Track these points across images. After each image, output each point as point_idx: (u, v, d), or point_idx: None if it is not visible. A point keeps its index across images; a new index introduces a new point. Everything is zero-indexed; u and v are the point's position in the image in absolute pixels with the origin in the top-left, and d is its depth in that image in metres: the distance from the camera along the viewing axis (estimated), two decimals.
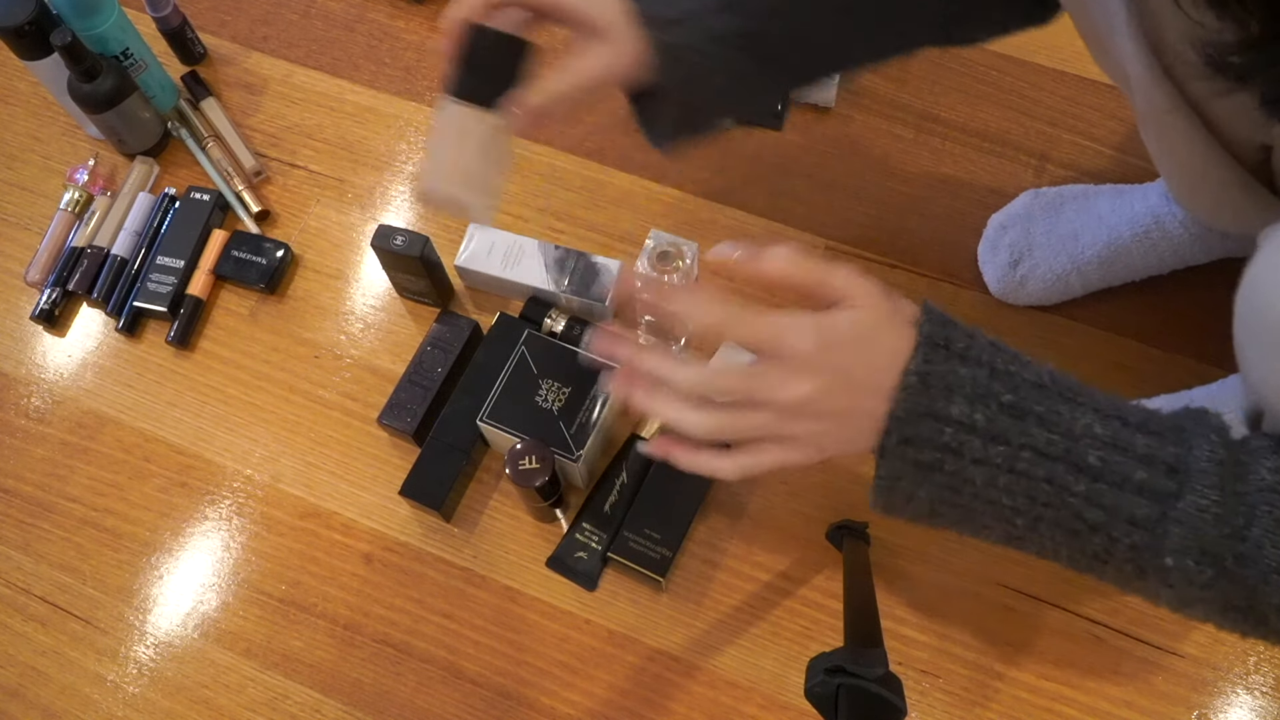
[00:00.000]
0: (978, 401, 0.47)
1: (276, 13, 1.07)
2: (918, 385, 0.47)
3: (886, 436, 0.48)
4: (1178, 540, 0.46)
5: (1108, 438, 0.47)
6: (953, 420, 0.47)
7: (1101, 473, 0.47)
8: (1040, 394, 0.48)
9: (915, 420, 0.48)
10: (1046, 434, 0.47)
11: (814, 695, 0.55)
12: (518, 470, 0.74)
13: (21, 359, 0.92)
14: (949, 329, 0.49)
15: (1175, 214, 0.79)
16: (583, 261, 0.87)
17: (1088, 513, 0.47)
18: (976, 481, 0.48)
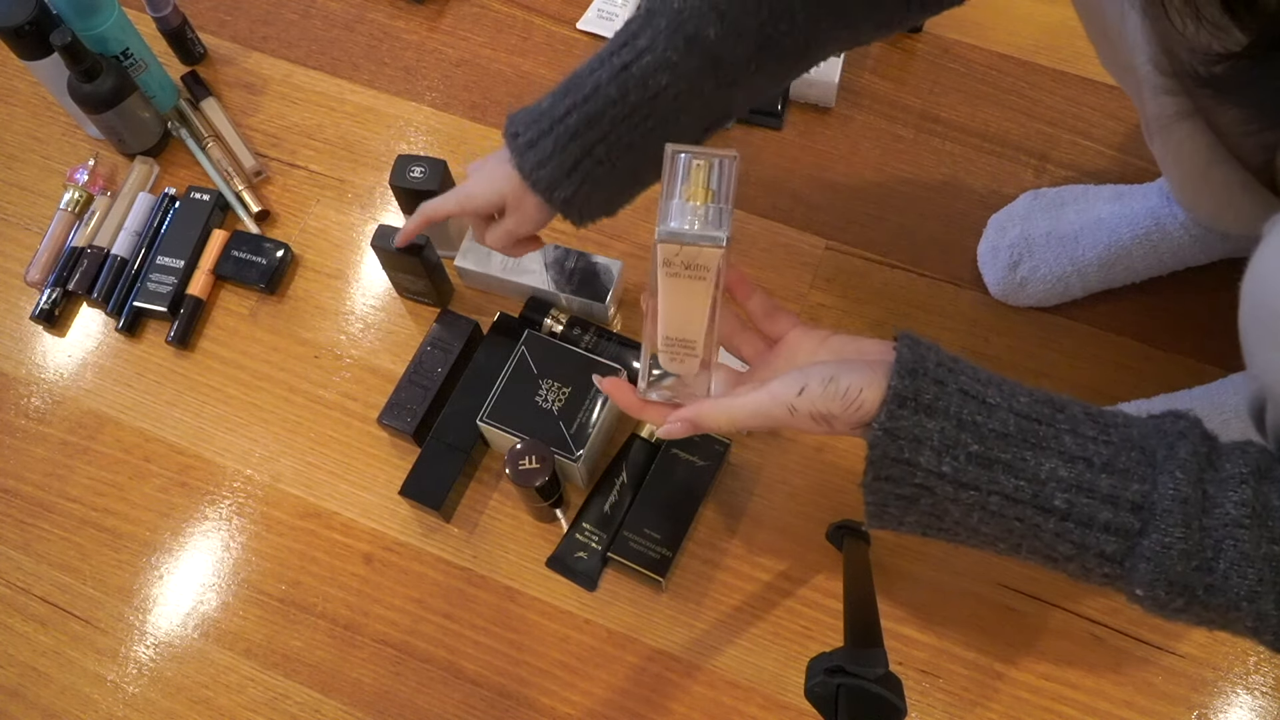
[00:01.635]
0: (944, 453, 0.49)
1: (276, 13, 1.07)
2: (885, 439, 0.49)
3: (865, 474, 0.51)
4: (1145, 574, 0.47)
5: (1072, 480, 0.48)
6: (921, 468, 0.49)
7: (1068, 514, 0.48)
8: (1005, 442, 0.49)
9: (888, 464, 0.50)
10: (1014, 480, 0.49)
11: (814, 695, 0.55)
12: (518, 470, 0.74)
13: (21, 359, 0.92)
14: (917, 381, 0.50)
15: (1175, 215, 0.79)
16: (583, 261, 0.87)
17: (1059, 547, 0.49)
18: (954, 515, 0.50)
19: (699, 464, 0.79)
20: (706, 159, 0.53)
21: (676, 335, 0.56)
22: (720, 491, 0.82)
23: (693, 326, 0.55)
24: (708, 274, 0.53)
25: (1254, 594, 0.46)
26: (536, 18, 1.05)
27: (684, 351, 0.56)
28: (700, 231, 0.52)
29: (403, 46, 1.04)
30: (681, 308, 0.55)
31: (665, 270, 0.53)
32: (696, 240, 0.52)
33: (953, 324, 0.88)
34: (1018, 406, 0.50)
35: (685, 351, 0.56)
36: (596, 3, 1.05)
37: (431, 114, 1.01)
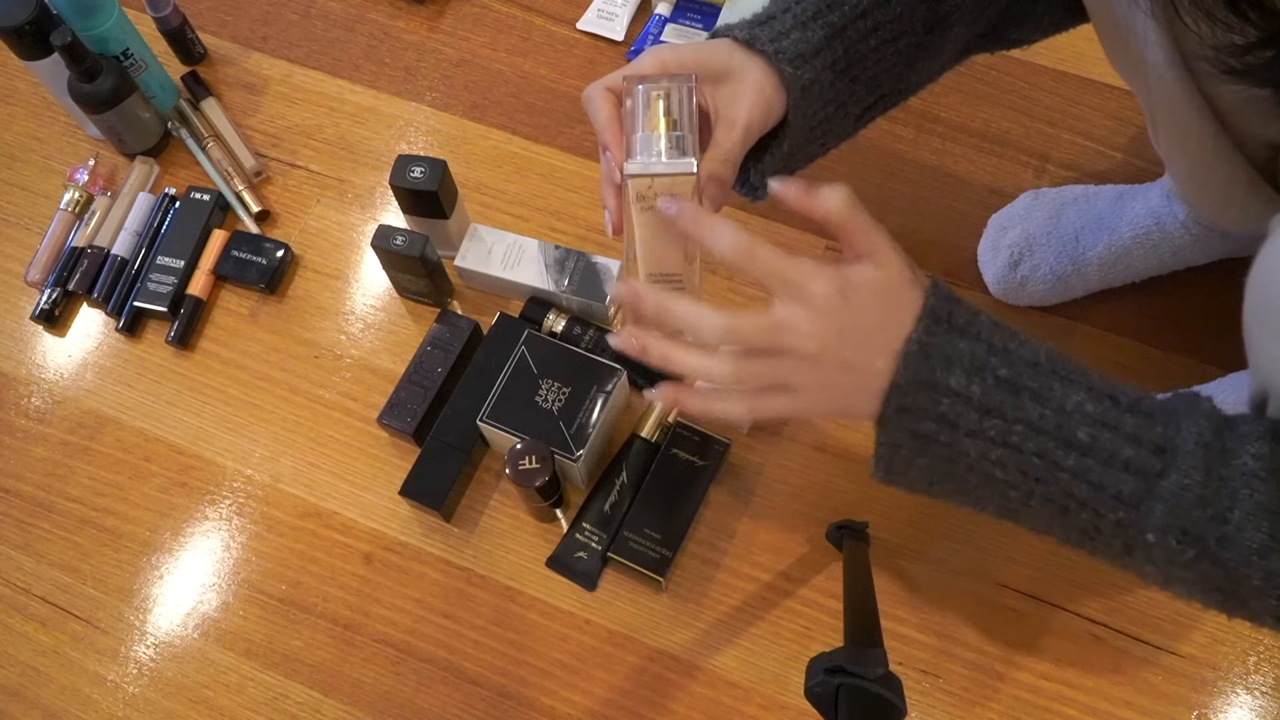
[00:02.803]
0: (974, 374, 0.48)
1: (276, 13, 1.07)
2: (918, 354, 0.48)
3: (885, 404, 0.50)
4: (1160, 518, 0.47)
5: (1097, 415, 0.48)
6: (950, 391, 0.48)
7: (1090, 448, 0.48)
8: (1035, 371, 0.49)
9: (913, 389, 0.49)
10: (1039, 409, 0.48)
11: (814, 695, 0.55)
12: (518, 470, 0.74)
13: (21, 359, 0.92)
14: (953, 305, 0.50)
15: (1176, 215, 0.79)
16: (583, 261, 0.87)
17: (1075, 488, 0.48)
18: (970, 453, 0.50)
19: (699, 464, 0.79)
20: (663, 88, 0.53)
21: (660, 270, 0.55)
22: (720, 491, 0.82)
23: (674, 258, 0.55)
24: None
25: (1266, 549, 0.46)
26: (536, 18, 1.05)
27: (670, 285, 0.55)
28: (669, 161, 0.52)
29: (403, 46, 1.04)
30: (660, 240, 0.54)
31: (640, 205, 0.53)
32: (666, 170, 0.52)
33: None
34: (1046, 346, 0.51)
35: (671, 285, 0.55)
36: (596, 3, 1.05)
37: (431, 114, 1.01)
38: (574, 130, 0.98)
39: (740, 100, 0.56)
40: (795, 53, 0.57)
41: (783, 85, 0.57)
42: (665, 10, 1.03)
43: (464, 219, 0.90)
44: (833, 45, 0.59)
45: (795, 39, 0.57)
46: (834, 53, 0.59)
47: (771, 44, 0.57)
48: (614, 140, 0.56)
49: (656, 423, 0.81)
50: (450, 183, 0.85)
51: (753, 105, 0.56)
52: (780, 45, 0.57)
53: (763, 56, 0.57)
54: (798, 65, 0.57)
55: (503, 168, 0.97)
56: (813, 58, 0.58)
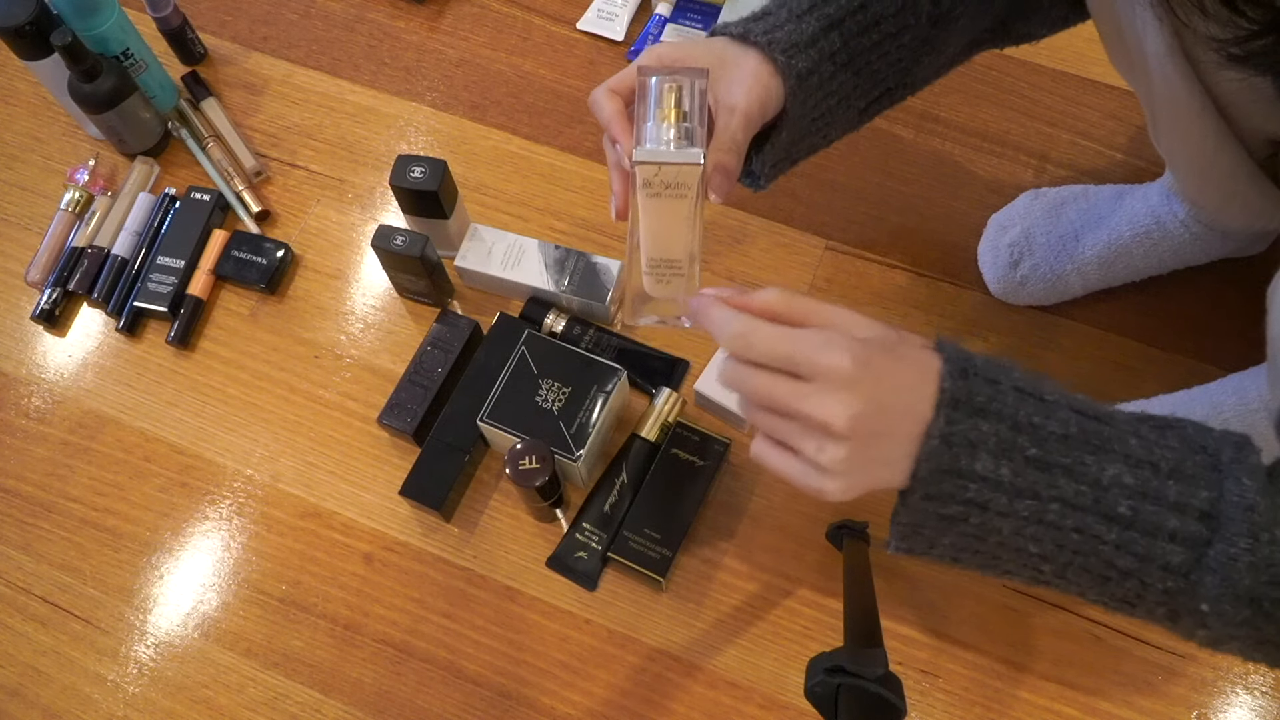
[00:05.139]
0: (1002, 457, 0.46)
1: (276, 13, 1.07)
2: (940, 447, 0.46)
3: (909, 493, 0.48)
4: (1213, 588, 0.45)
5: (1137, 487, 0.46)
6: (977, 476, 0.46)
7: (1133, 522, 0.46)
8: (1065, 445, 0.46)
9: (938, 478, 0.47)
10: (1074, 485, 0.46)
11: (814, 695, 0.55)
12: (518, 470, 0.74)
13: (22, 359, 0.92)
14: (971, 382, 0.47)
15: (1176, 214, 0.79)
16: (583, 261, 0.87)
17: (1119, 560, 0.46)
18: (1003, 531, 0.47)
19: (699, 464, 0.79)
20: (677, 80, 0.54)
21: (662, 256, 0.56)
22: (720, 491, 0.82)
23: (677, 245, 0.56)
24: (689, 191, 0.54)
25: None
26: (536, 18, 1.05)
27: (670, 272, 0.57)
28: (677, 150, 0.53)
29: (403, 46, 1.04)
30: (664, 228, 0.55)
31: (646, 191, 0.54)
32: (674, 159, 0.53)
33: (953, 324, 0.88)
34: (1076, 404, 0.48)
35: (671, 272, 0.57)
36: (596, 3, 1.05)
37: (431, 114, 1.01)
38: (574, 130, 0.98)
39: (736, 88, 0.57)
40: (789, 43, 0.58)
41: (778, 74, 0.58)
42: (665, 10, 1.03)
43: (464, 219, 0.90)
44: (830, 36, 0.59)
45: (789, 30, 0.58)
46: (832, 44, 0.59)
47: (765, 35, 0.58)
48: (622, 131, 0.57)
49: (656, 423, 0.81)
50: (450, 183, 0.85)
51: (749, 92, 0.57)
52: (774, 36, 0.58)
53: (756, 48, 0.58)
54: (791, 54, 0.58)
55: (503, 168, 0.97)
56: (808, 47, 0.58)
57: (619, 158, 0.58)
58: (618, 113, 0.58)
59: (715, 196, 0.56)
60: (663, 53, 0.58)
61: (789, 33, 0.58)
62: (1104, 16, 0.65)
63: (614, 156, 0.59)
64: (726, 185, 0.57)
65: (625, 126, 0.57)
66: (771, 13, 0.60)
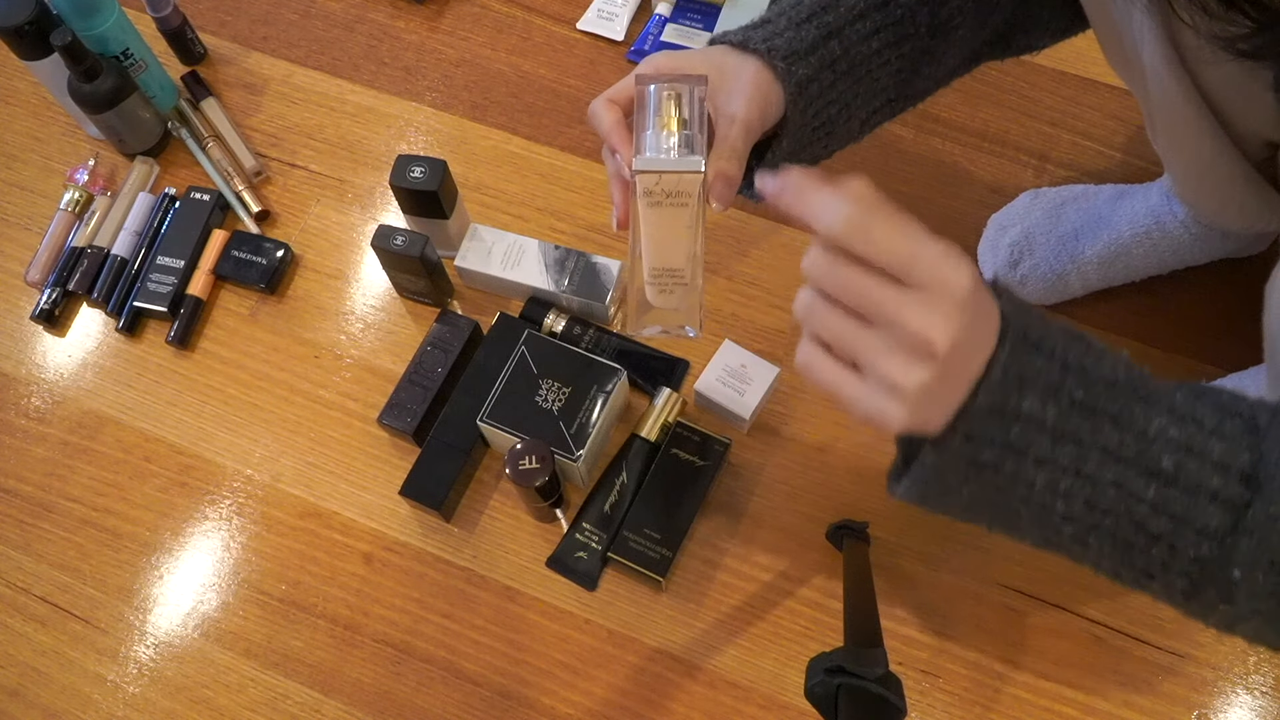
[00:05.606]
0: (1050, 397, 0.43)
1: (276, 13, 1.07)
2: (1000, 378, 0.43)
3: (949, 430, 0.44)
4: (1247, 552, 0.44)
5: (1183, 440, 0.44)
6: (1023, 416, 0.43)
7: (1175, 478, 0.44)
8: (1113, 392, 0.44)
9: (985, 415, 0.43)
10: (1120, 434, 0.44)
11: (814, 695, 0.55)
12: (518, 470, 0.74)
13: (21, 359, 0.92)
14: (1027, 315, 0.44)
15: (1175, 214, 0.79)
16: (583, 261, 0.87)
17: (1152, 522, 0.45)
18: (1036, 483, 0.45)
19: (699, 464, 0.79)
20: (675, 88, 0.54)
21: (663, 265, 0.56)
22: (720, 491, 0.82)
23: (678, 254, 0.55)
24: (690, 199, 0.54)
25: None
26: (536, 18, 1.05)
27: (673, 281, 0.56)
28: (678, 158, 0.53)
29: (403, 46, 1.04)
30: (666, 236, 0.55)
31: (647, 200, 0.54)
32: (675, 167, 0.53)
33: None
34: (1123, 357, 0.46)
35: (674, 281, 0.56)
36: (596, 3, 1.05)
37: (431, 114, 1.01)
38: (574, 130, 0.98)
39: (736, 96, 0.57)
40: (788, 50, 0.58)
41: (778, 81, 0.58)
42: (665, 10, 1.03)
43: (464, 219, 0.90)
44: (830, 44, 0.59)
45: (788, 37, 0.58)
46: (831, 52, 0.59)
47: (764, 43, 0.58)
48: (622, 141, 0.56)
49: (656, 423, 0.81)
50: (450, 183, 0.85)
51: (749, 100, 0.57)
52: (773, 44, 0.58)
53: (756, 55, 0.58)
54: (791, 62, 0.58)
55: (503, 168, 0.97)
56: (807, 55, 0.58)
57: (619, 168, 0.57)
58: (616, 122, 0.57)
59: (717, 205, 0.56)
60: (661, 62, 0.58)
61: (789, 40, 0.58)
62: (1101, 22, 0.65)
63: (614, 166, 0.58)
64: (728, 193, 0.56)
65: (624, 136, 0.57)
66: (771, 20, 0.60)
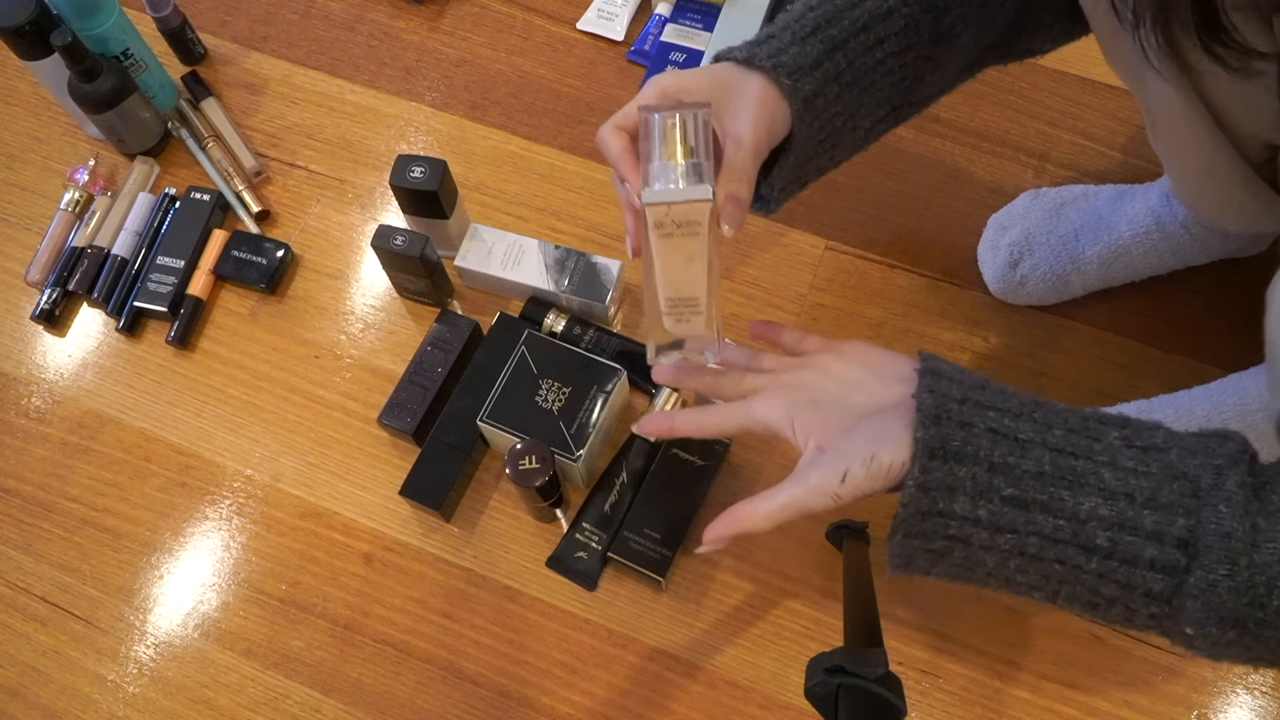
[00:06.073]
0: (979, 498, 0.48)
1: (276, 13, 1.07)
2: (917, 495, 0.48)
3: (893, 533, 0.50)
4: (1195, 612, 0.46)
5: (1113, 518, 0.47)
6: (956, 516, 0.48)
7: (1111, 552, 0.47)
8: (1040, 482, 0.48)
9: (918, 520, 0.49)
10: (1052, 520, 0.48)
11: (814, 695, 0.55)
12: (518, 470, 0.74)
13: (21, 359, 0.92)
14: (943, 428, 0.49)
15: (1175, 215, 0.79)
16: (583, 261, 0.87)
17: (1103, 588, 0.48)
18: (988, 563, 0.49)
19: (699, 464, 0.79)
20: (679, 115, 0.53)
21: (678, 295, 0.56)
22: (720, 491, 0.82)
23: (693, 283, 0.56)
24: (700, 228, 0.54)
25: None
26: (536, 18, 1.05)
27: (689, 311, 0.57)
28: (686, 189, 0.53)
29: (403, 46, 1.04)
30: (679, 266, 0.55)
31: (658, 233, 0.54)
32: (684, 198, 0.53)
33: (953, 324, 0.88)
34: (1052, 441, 0.49)
35: (690, 310, 0.57)
36: (596, 3, 1.05)
37: (431, 114, 1.01)
38: (574, 130, 0.98)
39: (743, 116, 0.57)
40: (794, 66, 0.58)
41: (784, 97, 0.58)
42: (665, 10, 1.03)
43: (464, 219, 0.90)
44: (834, 58, 0.59)
45: (794, 53, 0.58)
46: (836, 65, 0.59)
47: (769, 59, 0.58)
48: (630, 170, 0.57)
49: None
50: (450, 183, 0.85)
51: (757, 120, 0.57)
52: (779, 60, 0.58)
53: (761, 72, 0.58)
54: (797, 78, 0.58)
55: (503, 168, 0.97)
56: (813, 70, 0.58)
57: (629, 196, 0.57)
58: (624, 150, 0.57)
59: (728, 228, 0.56)
60: (666, 83, 0.58)
61: (794, 56, 0.58)
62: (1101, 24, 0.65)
63: (624, 195, 0.58)
64: (739, 215, 0.57)
65: (632, 164, 0.57)
66: (775, 36, 0.59)
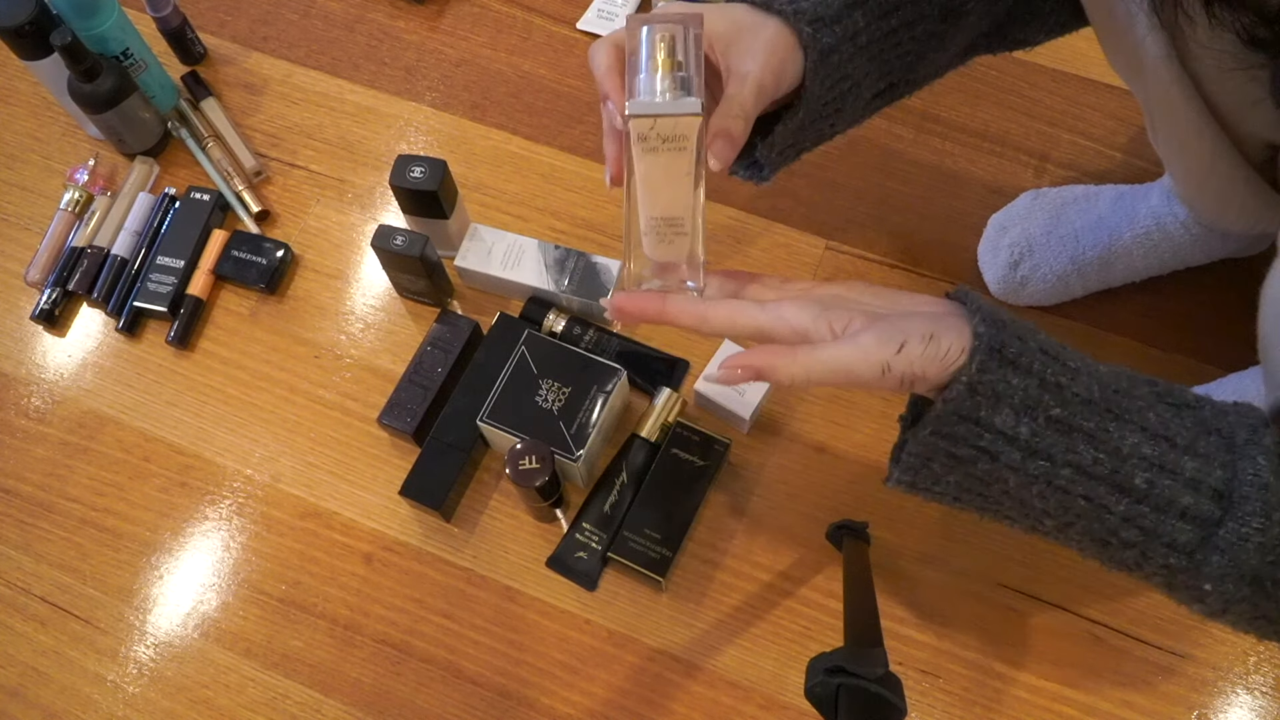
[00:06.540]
0: (1024, 414, 0.45)
1: (276, 13, 1.07)
2: (964, 393, 0.45)
3: (920, 427, 0.46)
4: (1217, 568, 0.45)
5: (1155, 459, 0.45)
6: (995, 429, 0.45)
7: (1146, 495, 0.45)
8: (1089, 410, 0.45)
9: (954, 421, 0.45)
10: (1093, 452, 0.45)
11: (814, 695, 0.55)
12: (518, 470, 0.74)
13: (21, 359, 0.92)
14: (1002, 331, 0.46)
15: (1176, 215, 0.79)
16: (583, 261, 0.87)
17: (1124, 531, 0.46)
18: (1009, 484, 0.47)
19: (699, 464, 0.79)
20: (669, 29, 0.51)
21: (662, 214, 0.53)
22: (720, 491, 0.82)
23: (679, 202, 0.53)
24: (687, 143, 0.51)
25: None
26: (536, 18, 1.05)
27: (672, 231, 0.53)
28: (673, 101, 0.50)
29: (403, 46, 1.04)
30: (663, 184, 0.52)
31: (642, 146, 0.51)
32: (670, 110, 0.50)
33: None
34: (1099, 372, 0.47)
35: (673, 231, 0.53)
36: (596, 3, 1.05)
37: (431, 114, 1.01)
38: (574, 130, 0.98)
39: (752, 56, 0.54)
40: (815, 15, 0.55)
41: (800, 46, 0.55)
42: None
43: (464, 219, 0.90)
44: (853, 15, 0.57)
45: (814, 2, 0.56)
46: (855, 24, 0.57)
47: (790, 4, 0.55)
48: (614, 88, 0.53)
49: (656, 423, 0.81)
50: (450, 183, 0.85)
51: (765, 62, 0.54)
52: (799, 6, 0.55)
53: (780, 17, 0.55)
54: (817, 28, 0.55)
55: (503, 168, 0.97)
56: (833, 23, 0.56)
57: (612, 119, 0.54)
58: (611, 68, 0.54)
59: (715, 163, 0.53)
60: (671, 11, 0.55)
61: (814, 5, 0.56)
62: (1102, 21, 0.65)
63: (608, 120, 0.55)
64: (729, 153, 0.54)
65: (617, 83, 0.53)
66: None
